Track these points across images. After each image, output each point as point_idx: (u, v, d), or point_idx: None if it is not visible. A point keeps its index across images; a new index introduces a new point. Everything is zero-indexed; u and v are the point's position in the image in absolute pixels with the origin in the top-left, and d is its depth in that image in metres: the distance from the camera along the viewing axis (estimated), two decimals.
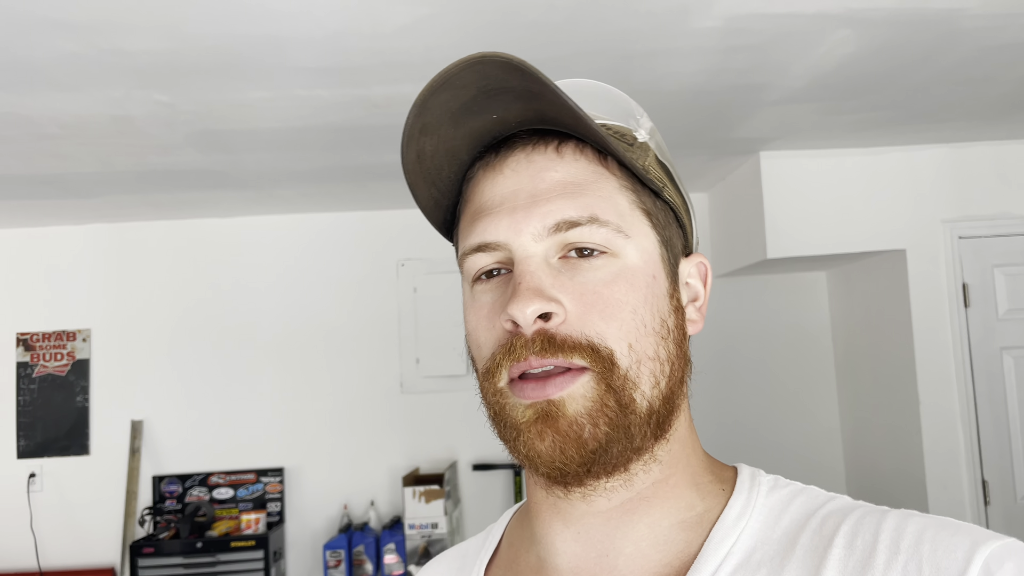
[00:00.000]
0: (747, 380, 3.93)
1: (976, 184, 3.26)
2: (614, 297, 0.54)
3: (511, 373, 0.54)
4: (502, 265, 0.57)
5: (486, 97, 0.55)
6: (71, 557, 3.73)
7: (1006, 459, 3.22)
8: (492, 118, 0.57)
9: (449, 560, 0.72)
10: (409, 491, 3.40)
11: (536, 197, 0.55)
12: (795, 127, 2.92)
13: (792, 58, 2.22)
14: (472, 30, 1.93)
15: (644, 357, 0.54)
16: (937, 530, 0.50)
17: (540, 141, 0.57)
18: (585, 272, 0.55)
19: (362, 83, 2.25)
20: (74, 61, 1.99)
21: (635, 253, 0.56)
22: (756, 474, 0.61)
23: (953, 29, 2.08)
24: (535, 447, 0.53)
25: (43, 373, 3.83)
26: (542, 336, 0.53)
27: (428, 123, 0.56)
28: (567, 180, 0.56)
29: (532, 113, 0.56)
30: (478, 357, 0.58)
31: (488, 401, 0.56)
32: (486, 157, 0.59)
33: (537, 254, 0.55)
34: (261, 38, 1.92)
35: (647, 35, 2.02)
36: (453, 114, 0.56)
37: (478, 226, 0.57)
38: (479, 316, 0.57)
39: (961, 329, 3.24)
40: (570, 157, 0.57)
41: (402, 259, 3.94)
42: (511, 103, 0.55)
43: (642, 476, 0.56)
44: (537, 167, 0.56)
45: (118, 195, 3.37)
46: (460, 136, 0.58)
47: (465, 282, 0.60)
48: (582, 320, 0.53)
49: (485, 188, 0.58)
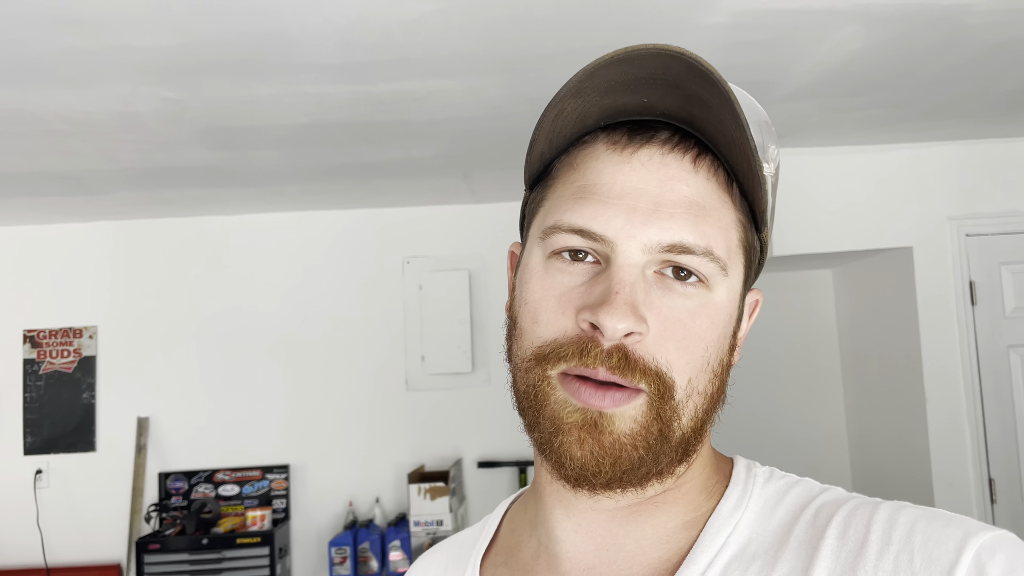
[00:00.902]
0: (752, 377, 3.93)
1: (983, 181, 3.25)
2: (695, 331, 0.53)
3: (570, 371, 0.52)
4: (594, 253, 0.54)
5: (652, 83, 0.52)
6: (77, 553, 3.75)
7: (1013, 457, 3.21)
8: (643, 101, 0.54)
9: (445, 551, 0.72)
10: (414, 488, 3.41)
11: (660, 206, 0.53)
12: (801, 124, 2.91)
13: (798, 55, 2.22)
14: (478, 27, 1.93)
15: (695, 392, 0.54)
16: (929, 521, 0.51)
17: (680, 144, 0.54)
18: (676, 297, 0.53)
19: (369, 80, 2.25)
20: (81, 57, 2.00)
21: (725, 292, 0.55)
22: (752, 466, 0.61)
23: (960, 25, 2.07)
24: (571, 450, 0.52)
25: (50, 370, 3.84)
26: (620, 352, 0.51)
27: (584, 88, 0.53)
28: (694, 199, 0.53)
29: (684, 113, 0.53)
30: (530, 332, 0.55)
31: (527, 381, 0.54)
32: (615, 133, 0.55)
33: (639, 264, 0.53)
34: (268, 35, 1.92)
35: (653, 31, 2.01)
36: (611, 86, 0.53)
37: (585, 208, 0.54)
38: (549, 293, 0.54)
39: (968, 327, 3.23)
40: (704, 174, 0.54)
41: (408, 256, 3.94)
42: (669, 95, 0.52)
43: (656, 487, 0.56)
44: (669, 172, 0.54)
45: (125, 192, 3.38)
46: (602, 106, 0.54)
47: (538, 248, 0.57)
48: (658, 344, 0.52)
49: (605, 170, 0.54)
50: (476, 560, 0.66)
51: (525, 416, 0.55)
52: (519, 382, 0.56)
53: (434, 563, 0.71)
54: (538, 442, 0.54)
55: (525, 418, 0.55)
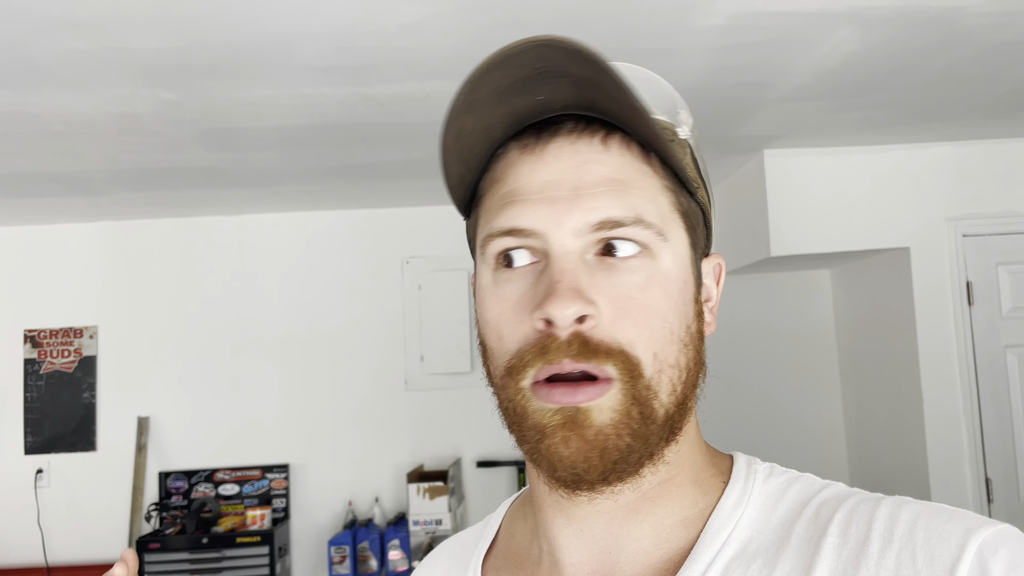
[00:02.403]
0: (751, 378, 3.94)
1: (980, 182, 3.26)
2: (648, 303, 0.53)
3: (539, 375, 0.52)
4: (530, 251, 0.55)
5: (538, 78, 0.52)
6: (78, 552, 3.76)
7: (1009, 457, 3.22)
8: (538, 99, 0.54)
9: (450, 549, 0.72)
10: (413, 488, 3.42)
11: (580, 190, 0.53)
12: (798, 125, 2.92)
13: (795, 56, 2.23)
14: (476, 28, 1.94)
15: (665, 365, 0.53)
16: (931, 517, 0.51)
17: (586, 129, 0.55)
18: (621, 274, 0.53)
19: (367, 82, 2.26)
20: (81, 60, 2.01)
21: (670, 257, 0.55)
22: (752, 462, 0.61)
23: (956, 27, 2.08)
24: (559, 452, 0.52)
25: (50, 370, 3.86)
26: (578, 339, 0.51)
27: (475, 100, 0.53)
28: (613, 176, 0.54)
29: (582, 100, 0.54)
30: (498, 350, 0.55)
31: (506, 397, 0.55)
32: (524, 138, 0.56)
33: (575, 250, 0.53)
34: (267, 36, 1.93)
35: (649, 33, 2.02)
36: (500, 92, 0.53)
37: (511, 210, 0.54)
38: (502, 307, 0.55)
39: (965, 327, 3.24)
40: (616, 151, 0.55)
41: (407, 256, 3.95)
42: (563, 87, 0.53)
43: (650, 478, 0.56)
44: (582, 158, 0.54)
45: (125, 193, 3.39)
46: (501, 114, 0.55)
47: (484, 266, 0.57)
48: (615, 325, 0.52)
49: (522, 172, 0.55)
50: (478, 560, 0.66)
51: (513, 432, 0.55)
52: (501, 400, 0.56)
53: (438, 563, 0.71)
54: (529, 453, 0.54)
55: (514, 434, 0.55)
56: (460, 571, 0.67)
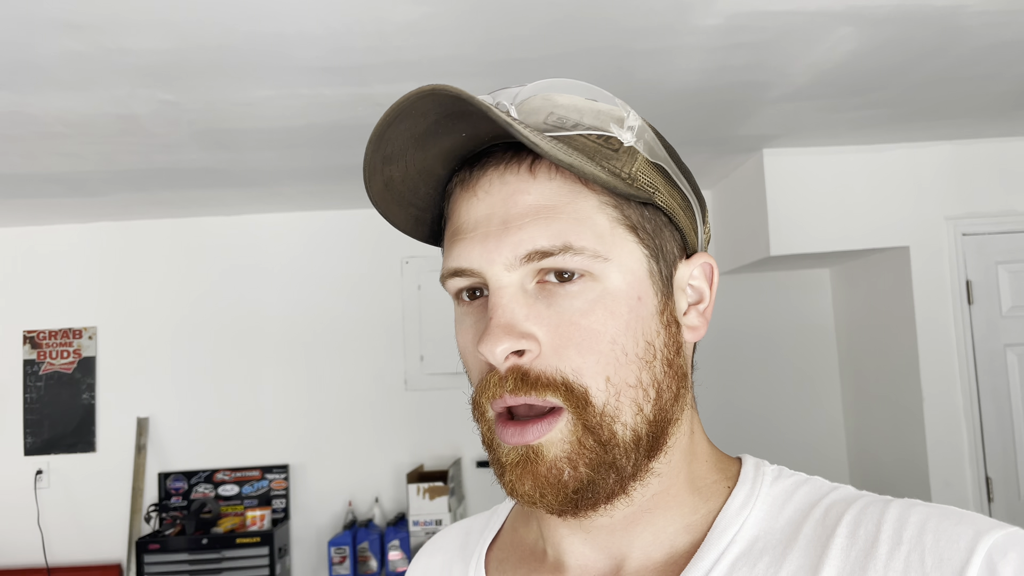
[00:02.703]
0: (751, 377, 3.94)
1: (979, 181, 3.26)
2: (591, 328, 0.52)
3: (494, 408, 0.53)
4: (481, 287, 0.56)
5: (450, 119, 0.53)
6: (78, 553, 3.76)
7: (1010, 456, 3.22)
8: (462, 136, 0.55)
9: (454, 535, 0.73)
10: (413, 488, 3.41)
11: (508, 224, 0.53)
12: (798, 124, 2.92)
13: (794, 56, 2.22)
14: (473, 28, 1.94)
15: (624, 387, 0.53)
16: (940, 520, 0.50)
17: (515, 158, 0.55)
18: (561, 300, 0.53)
19: (365, 82, 2.26)
20: (79, 61, 2.00)
21: (617, 275, 0.53)
22: (760, 464, 0.61)
23: (955, 26, 2.08)
24: (517, 488, 0.53)
25: (50, 371, 3.85)
26: (515, 373, 0.52)
27: (390, 153, 0.54)
28: (540, 203, 0.53)
29: (501, 131, 0.53)
30: (471, 381, 0.58)
31: (480, 427, 0.56)
32: (462, 173, 0.57)
33: (511, 284, 0.53)
34: (265, 37, 1.93)
35: (649, 33, 2.02)
36: (417, 139, 0.54)
37: (454, 250, 0.55)
38: (467, 339, 0.57)
39: (964, 326, 3.24)
40: (543, 177, 0.54)
41: (406, 256, 3.95)
42: (479, 122, 0.53)
43: (641, 491, 0.56)
44: (510, 189, 0.54)
45: (123, 193, 3.39)
46: (431, 157, 0.56)
47: (452, 299, 0.59)
48: (558, 354, 0.52)
49: (461, 209, 0.56)
50: (482, 550, 0.67)
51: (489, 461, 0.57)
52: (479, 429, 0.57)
53: (442, 549, 0.72)
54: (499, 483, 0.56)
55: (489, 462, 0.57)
56: (464, 559, 0.68)
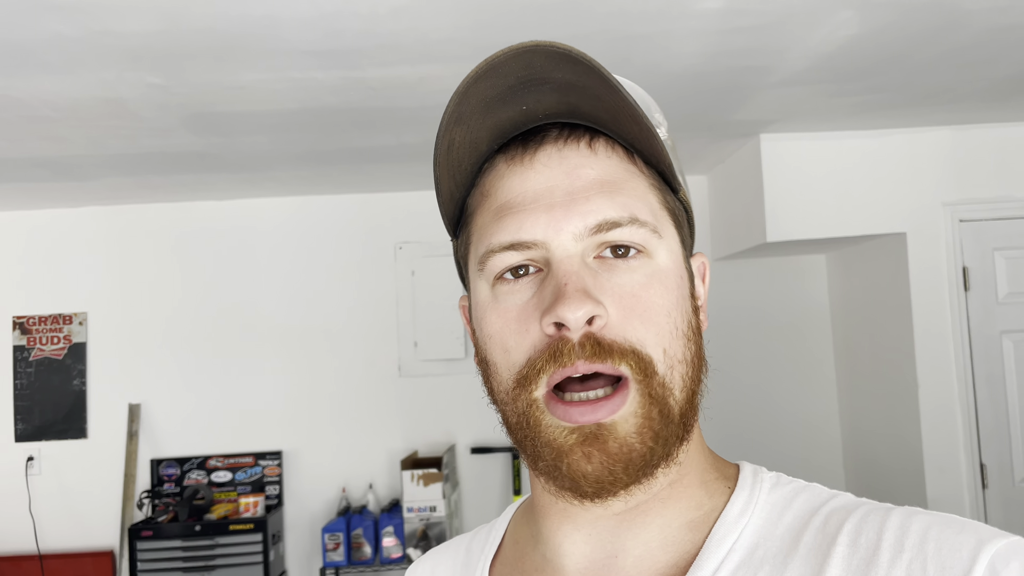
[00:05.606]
0: (746, 364, 3.93)
1: (977, 167, 3.24)
2: (651, 300, 0.54)
3: (552, 380, 0.52)
4: (533, 263, 0.55)
5: (522, 87, 0.53)
6: (70, 540, 3.74)
7: (1004, 443, 3.23)
8: (521, 109, 0.55)
9: (453, 552, 0.71)
10: (407, 474, 3.41)
11: (574, 195, 0.54)
12: (796, 109, 2.89)
13: (793, 40, 2.20)
14: (468, 12, 1.91)
15: (675, 361, 0.54)
16: (942, 528, 0.50)
17: (571, 135, 0.56)
18: (623, 274, 0.54)
19: (357, 65, 2.22)
20: (65, 43, 1.96)
21: (666, 254, 0.56)
22: (758, 471, 0.61)
23: (956, 11, 2.06)
24: (581, 468, 0.51)
25: (40, 357, 3.82)
26: (591, 340, 0.51)
27: (464, 112, 0.54)
28: (603, 178, 0.54)
29: (564, 107, 0.54)
30: (504, 363, 0.55)
31: (515, 411, 0.54)
32: (510, 150, 0.57)
33: (577, 254, 0.53)
34: (255, 19, 1.89)
35: (647, 16, 1.99)
36: (486, 103, 0.54)
37: (508, 223, 0.54)
38: (506, 319, 0.55)
39: (961, 313, 3.23)
40: (603, 154, 0.55)
41: (400, 242, 3.92)
42: (545, 95, 0.53)
43: (662, 479, 0.55)
44: (571, 163, 0.55)
45: (113, 178, 3.35)
46: (486, 127, 0.56)
47: (482, 281, 0.57)
48: (623, 325, 0.52)
49: (513, 183, 0.56)
50: (485, 566, 0.66)
51: (524, 449, 0.55)
52: (508, 415, 0.55)
53: (440, 563, 0.71)
54: (544, 470, 0.54)
55: (524, 451, 0.55)
56: None
